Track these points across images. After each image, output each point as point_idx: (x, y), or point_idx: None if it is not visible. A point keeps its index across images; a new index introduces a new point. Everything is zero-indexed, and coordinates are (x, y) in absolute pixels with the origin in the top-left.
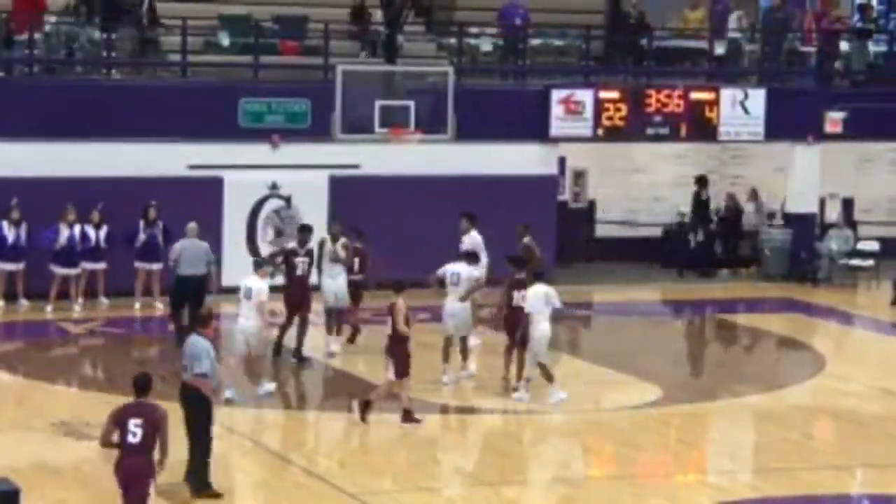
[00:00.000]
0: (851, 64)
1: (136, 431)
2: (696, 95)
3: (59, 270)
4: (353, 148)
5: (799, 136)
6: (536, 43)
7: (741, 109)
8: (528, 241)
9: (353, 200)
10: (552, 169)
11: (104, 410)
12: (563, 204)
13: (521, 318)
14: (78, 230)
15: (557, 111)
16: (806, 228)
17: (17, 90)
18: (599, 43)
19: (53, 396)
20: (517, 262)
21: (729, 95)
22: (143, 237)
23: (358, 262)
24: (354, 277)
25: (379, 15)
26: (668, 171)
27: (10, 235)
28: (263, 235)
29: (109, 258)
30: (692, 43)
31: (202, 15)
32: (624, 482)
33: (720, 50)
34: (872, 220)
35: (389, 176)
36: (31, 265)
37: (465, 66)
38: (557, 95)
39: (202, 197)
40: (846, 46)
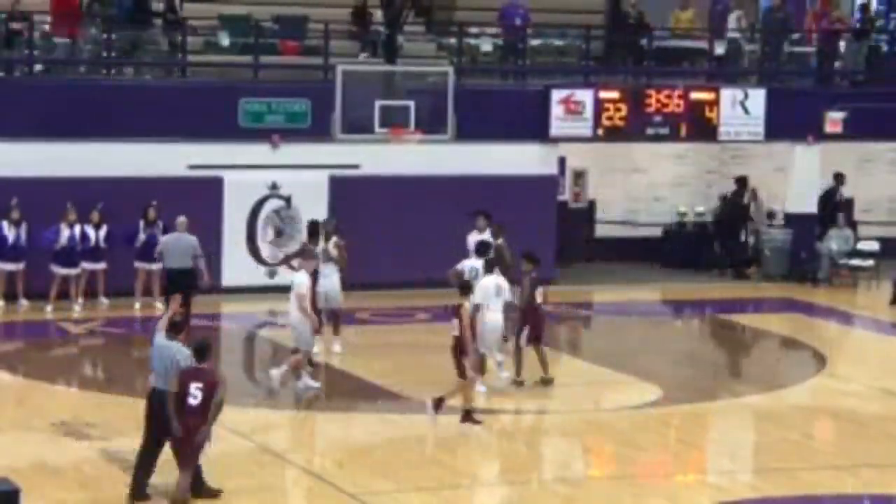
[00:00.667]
0: (855, 61)
1: (196, 394)
2: (696, 95)
3: (59, 270)
4: (353, 148)
5: (799, 136)
6: (536, 43)
7: (741, 109)
8: (501, 242)
9: (353, 200)
10: (552, 169)
11: (104, 410)
12: (563, 204)
13: (543, 316)
14: (78, 230)
15: (557, 111)
16: (806, 228)
17: (17, 90)
18: (599, 43)
19: (53, 396)
20: (533, 259)
21: (729, 95)
22: (142, 237)
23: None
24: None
25: (379, 15)
26: (668, 171)
27: (10, 235)
28: (263, 235)
29: (109, 258)
30: (692, 43)
31: (202, 15)
32: (624, 482)
33: (720, 50)
34: (872, 220)
35: (389, 176)
36: (31, 265)
37: (465, 66)
38: (557, 95)
39: (202, 197)
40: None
